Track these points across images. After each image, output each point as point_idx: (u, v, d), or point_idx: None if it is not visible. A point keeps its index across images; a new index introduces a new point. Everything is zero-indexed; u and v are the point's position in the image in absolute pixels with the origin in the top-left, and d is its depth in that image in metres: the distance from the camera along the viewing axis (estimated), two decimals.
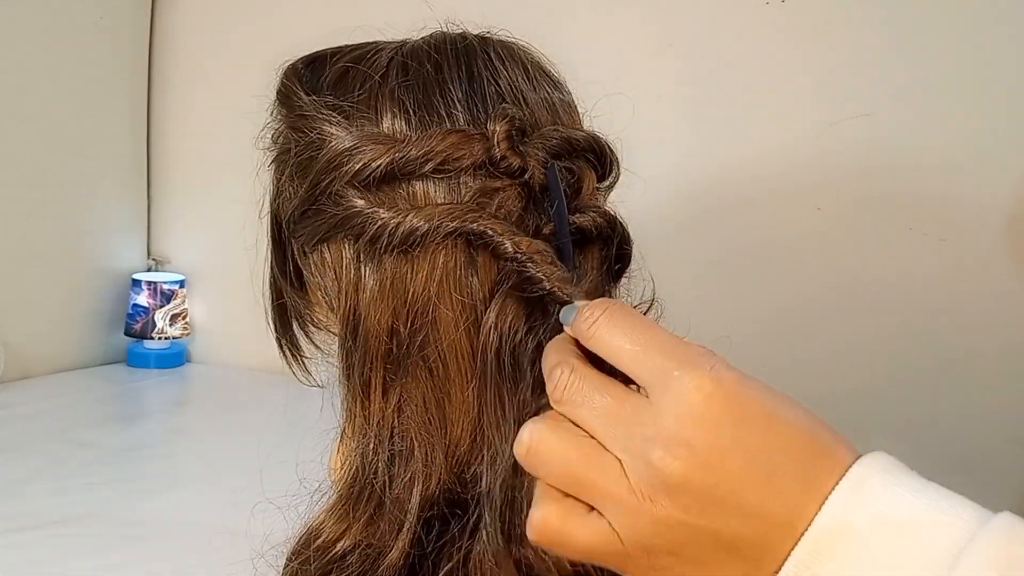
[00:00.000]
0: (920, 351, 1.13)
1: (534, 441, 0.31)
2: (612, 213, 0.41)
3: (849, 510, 0.28)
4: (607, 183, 0.43)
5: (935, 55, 1.11)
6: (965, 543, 0.27)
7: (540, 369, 0.34)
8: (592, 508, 0.31)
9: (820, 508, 0.29)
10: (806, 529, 0.29)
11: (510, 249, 0.37)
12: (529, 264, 0.36)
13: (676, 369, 0.30)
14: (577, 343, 0.33)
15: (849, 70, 1.15)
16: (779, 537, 0.29)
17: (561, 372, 0.32)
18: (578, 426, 0.31)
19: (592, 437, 0.31)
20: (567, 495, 0.31)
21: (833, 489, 0.29)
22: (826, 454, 0.30)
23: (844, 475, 0.29)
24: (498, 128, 0.38)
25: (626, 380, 0.32)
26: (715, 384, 0.29)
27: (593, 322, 0.32)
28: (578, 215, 0.39)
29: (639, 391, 0.31)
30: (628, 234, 0.42)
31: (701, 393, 0.29)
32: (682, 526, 0.29)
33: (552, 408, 0.32)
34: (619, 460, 0.30)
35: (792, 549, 0.29)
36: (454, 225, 0.37)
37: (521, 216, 0.39)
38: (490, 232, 0.37)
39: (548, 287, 0.36)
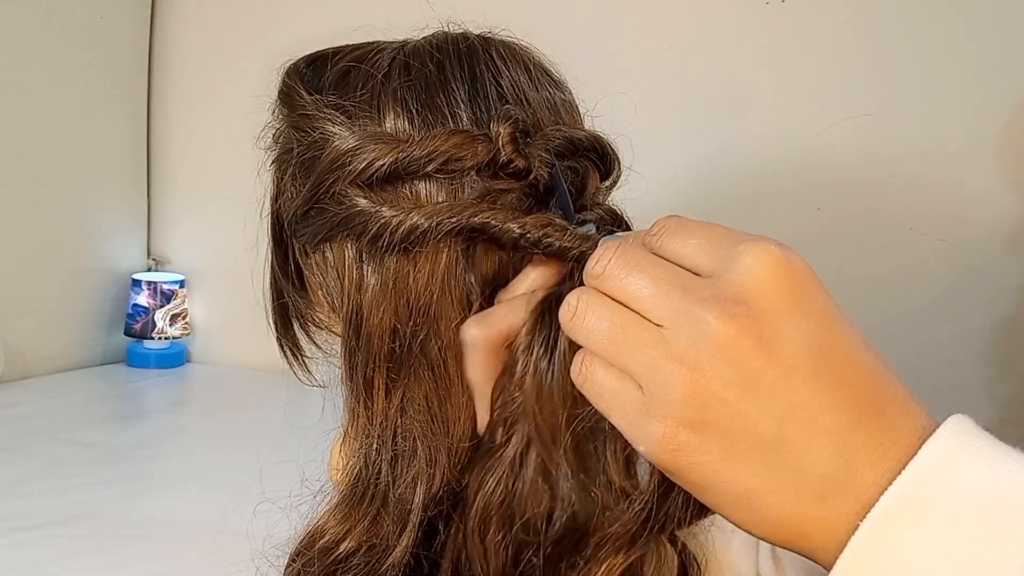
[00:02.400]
0: (920, 351, 1.13)
1: (581, 305, 0.30)
2: (618, 210, 0.41)
3: (940, 470, 0.24)
4: (609, 182, 0.43)
5: (935, 55, 1.11)
6: None
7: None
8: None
9: (905, 459, 0.25)
10: (887, 486, 0.24)
11: (517, 230, 0.36)
12: (545, 238, 0.36)
13: (743, 245, 0.27)
14: None
15: (849, 70, 1.15)
16: (825, 452, 0.25)
17: (606, 248, 0.30)
18: (621, 303, 0.29)
19: (636, 312, 0.28)
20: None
21: (922, 444, 0.25)
22: (893, 389, 0.27)
23: (932, 432, 0.25)
24: (502, 129, 0.38)
25: None
26: (785, 256, 0.27)
27: (657, 232, 0.30)
28: (584, 212, 0.39)
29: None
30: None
31: (771, 259, 0.27)
32: (721, 404, 0.26)
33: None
34: (661, 328, 0.27)
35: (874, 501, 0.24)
36: (455, 221, 0.37)
37: (527, 212, 0.39)
38: (492, 224, 0.36)
39: (575, 248, 0.35)
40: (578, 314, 0.30)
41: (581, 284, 0.31)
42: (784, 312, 0.26)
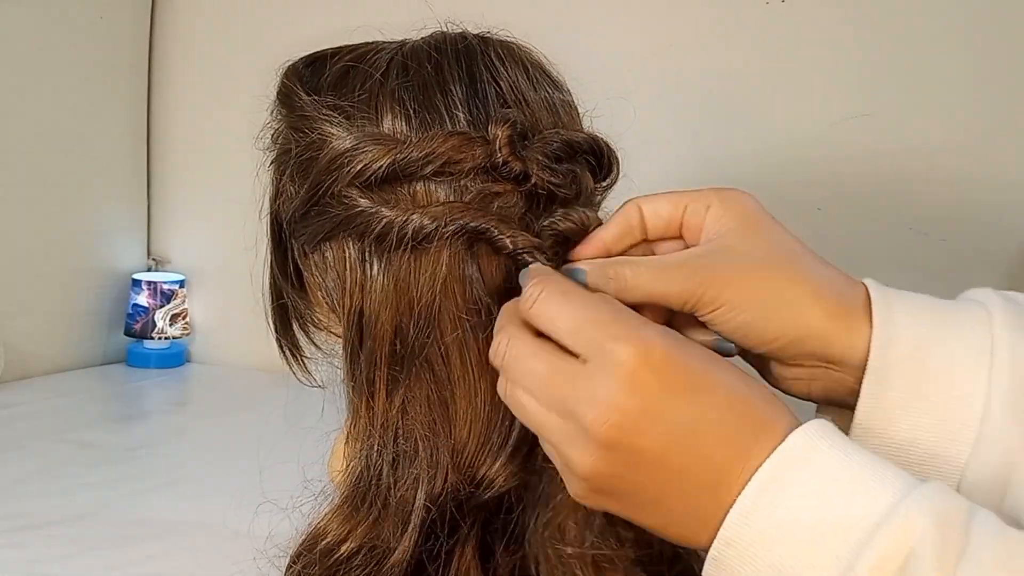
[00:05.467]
0: None
1: (506, 392, 0.35)
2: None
3: (775, 487, 0.30)
4: (606, 183, 0.43)
5: (935, 55, 1.11)
6: (888, 511, 0.28)
7: None
8: None
9: (748, 479, 0.31)
10: (737, 496, 0.31)
11: (509, 245, 0.38)
12: (525, 256, 0.38)
13: (608, 342, 0.32)
14: None
15: (849, 70, 1.15)
16: (702, 500, 0.32)
17: (499, 341, 0.35)
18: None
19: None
20: None
21: (763, 462, 0.31)
22: (760, 423, 0.32)
23: (775, 448, 0.31)
24: (500, 133, 0.38)
25: None
26: (644, 356, 0.32)
27: (533, 301, 0.35)
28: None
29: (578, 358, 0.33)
30: None
31: (630, 365, 0.32)
32: (612, 478, 0.32)
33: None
34: (554, 416, 0.33)
35: (725, 513, 0.31)
36: (458, 223, 0.37)
37: (522, 218, 0.39)
38: (493, 229, 0.37)
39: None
40: (505, 396, 0.35)
41: None
42: (653, 404, 0.32)
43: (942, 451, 0.34)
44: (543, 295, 0.34)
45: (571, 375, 0.33)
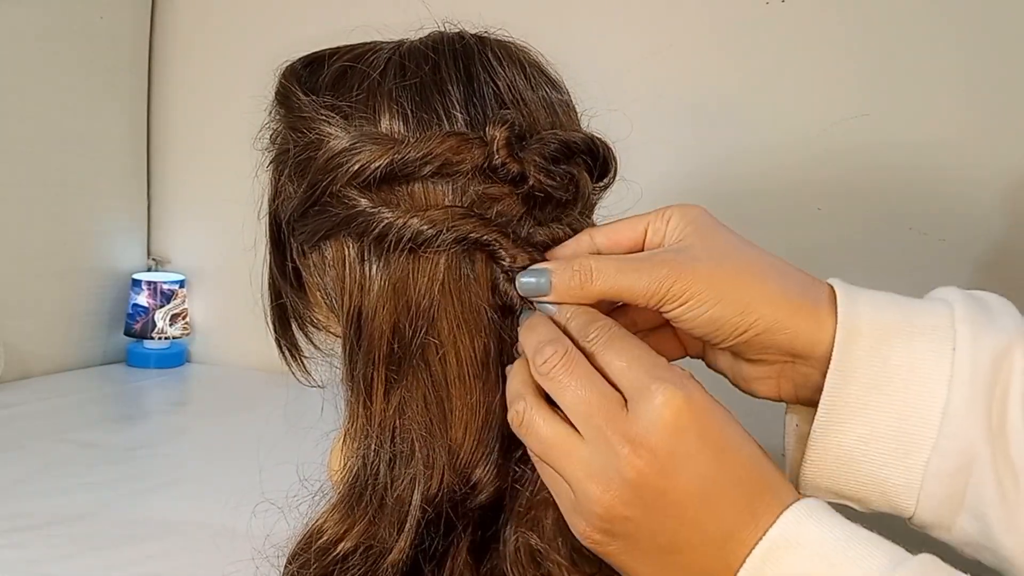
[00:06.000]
0: None
1: (524, 416, 0.35)
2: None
3: (781, 549, 0.32)
4: (604, 183, 0.43)
5: (934, 55, 1.11)
6: None
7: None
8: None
9: (757, 540, 0.32)
10: (746, 557, 0.32)
11: (508, 266, 0.38)
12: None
13: (655, 383, 0.33)
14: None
15: (849, 70, 1.15)
16: (709, 552, 0.33)
17: (555, 351, 0.35)
18: (557, 404, 0.35)
19: (567, 419, 0.34)
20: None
21: (772, 524, 0.32)
22: (768, 491, 0.33)
23: (781, 514, 0.32)
24: (498, 134, 0.38)
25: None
26: (687, 402, 0.33)
27: (594, 337, 0.35)
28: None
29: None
30: None
31: (673, 407, 0.32)
32: (625, 520, 0.33)
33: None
34: (584, 443, 0.33)
35: (735, 572, 0.32)
36: (459, 232, 0.37)
37: (521, 219, 0.39)
38: (494, 243, 0.38)
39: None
40: (523, 424, 0.35)
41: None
42: (683, 451, 0.32)
43: (904, 444, 0.35)
44: (607, 335, 0.35)
45: (615, 407, 0.33)
